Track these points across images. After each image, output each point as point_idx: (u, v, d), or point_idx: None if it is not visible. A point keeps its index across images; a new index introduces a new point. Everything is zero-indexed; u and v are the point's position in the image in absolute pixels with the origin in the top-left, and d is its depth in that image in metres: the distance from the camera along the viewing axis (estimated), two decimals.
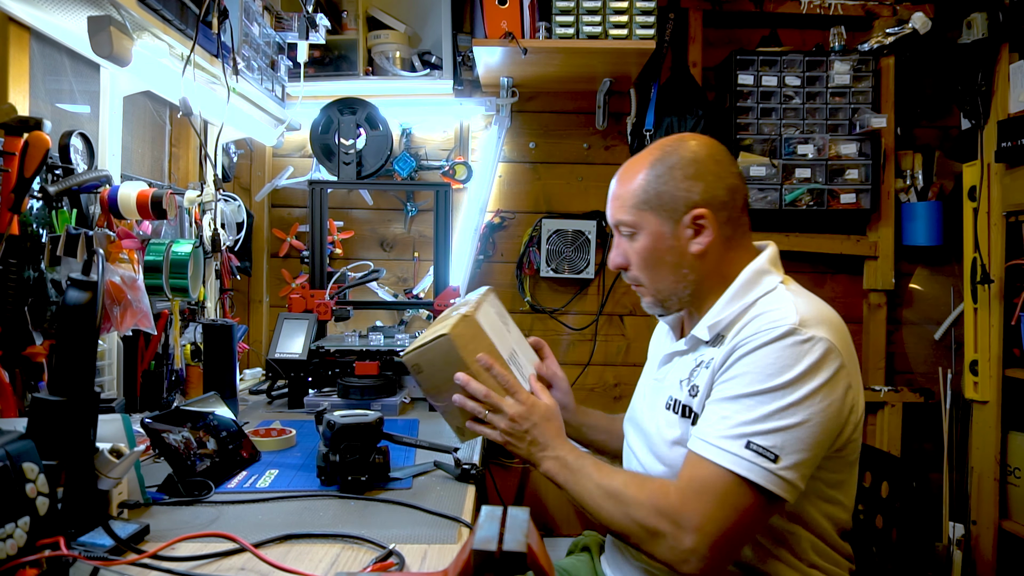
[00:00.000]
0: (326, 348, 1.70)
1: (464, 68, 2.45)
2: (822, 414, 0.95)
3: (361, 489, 1.11)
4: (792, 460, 0.94)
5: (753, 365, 0.98)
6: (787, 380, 0.95)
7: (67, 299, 0.89)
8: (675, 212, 1.09)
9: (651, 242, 1.11)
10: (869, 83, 2.41)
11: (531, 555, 0.61)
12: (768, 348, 0.97)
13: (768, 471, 0.93)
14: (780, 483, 0.93)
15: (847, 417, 0.99)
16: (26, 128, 1.13)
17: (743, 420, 0.95)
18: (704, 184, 1.08)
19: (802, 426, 0.94)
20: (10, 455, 0.72)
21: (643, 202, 1.11)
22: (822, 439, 0.95)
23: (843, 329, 1.03)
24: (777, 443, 0.93)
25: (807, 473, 0.96)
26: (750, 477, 0.93)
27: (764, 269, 1.10)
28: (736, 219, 1.11)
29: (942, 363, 2.56)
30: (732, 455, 0.94)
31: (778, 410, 0.94)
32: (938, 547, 2.43)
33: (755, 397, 0.96)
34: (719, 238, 1.09)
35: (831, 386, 0.96)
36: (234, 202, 2.09)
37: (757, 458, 0.93)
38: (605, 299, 2.60)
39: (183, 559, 0.84)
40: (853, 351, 1.04)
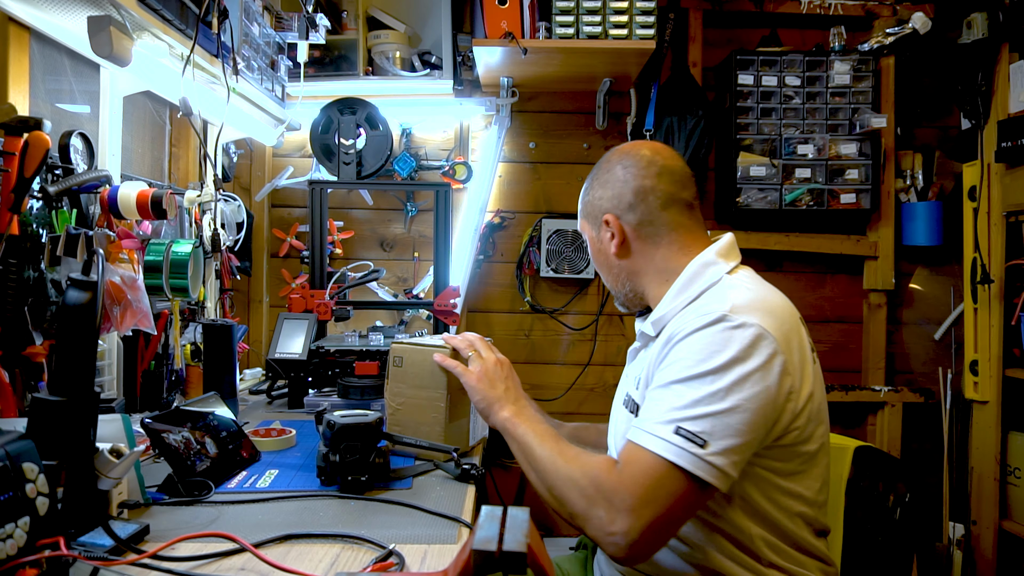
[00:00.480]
0: (326, 348, 1.70)
1: (464, 68, 2.45)
2: (754, 400, 0.94)
3: (361, 489, 1.11)
4: (721, 446, 0.93)
5: (684, 352, 1.00)
6: (716, 366, 0.96)
7: (67, 299, 0.89)
8: (596, 219, 1.21)
9: (591, 246, 1.25)
10: (869, 83, 2.41)
11: (531, 555, 0.61)
12: (698, 334, 0.99)
13: (696, 456, 0.93)
14: (709, 469, 0.93)
15: (783, 405, 0.98)
16: (26, 128, 1.13)
17: (673, 406, 0.97)
18: (611, 191, 1.18)
19: (732, 412, 0.94)
20: (10, 455, 0.72)
21: (581, 212, 1.26)
22: (755, 425, 0.94)
23: (785, 316, 1.03)
24: (706, 428, 0.94)
25: (739, 460, 0.95)
26: (678, 463, 0.93)
27: (709, 261, 1.11)
28: (653, 219, 1.15)
29: (942, 363, 2.56)
30: (662, 441, 0.95)
31: (707, 396, 0.95)
32: (938, 547, 2.43)
33: (685, 383, 0.97)
34: (637, 238, 1.17)
35: (763, 371, 0.95)
36: (234, 202, 2.09)
37: (686, 443, 0.93)
38: (605, 299, 2.60)
39: (183, 559, 0.84)
40: (797, 339, 1.02)
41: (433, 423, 1.31)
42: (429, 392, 1.31)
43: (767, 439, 0.99)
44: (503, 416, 1.17)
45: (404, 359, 1.32)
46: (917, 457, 2.54)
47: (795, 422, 1.00)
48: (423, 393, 1.31)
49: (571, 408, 2.57)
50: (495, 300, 2.62)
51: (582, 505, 0.99)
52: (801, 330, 1.06)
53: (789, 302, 1.09)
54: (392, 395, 1.33)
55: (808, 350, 1.05)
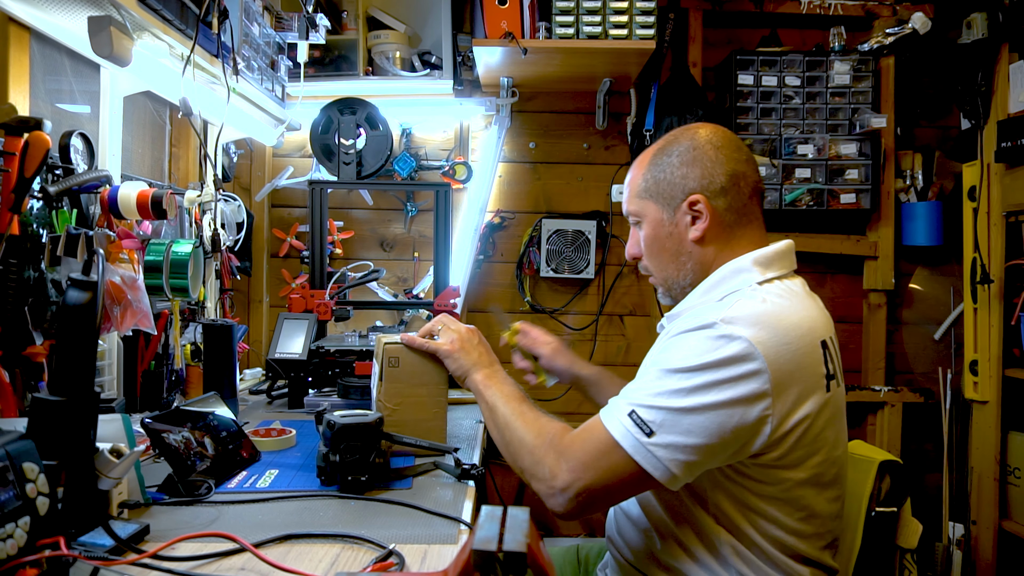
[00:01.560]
0: (326, 348, 1.70)
1: (464, 68, 2.44)
2: (715, 409, 0.93)
3: (361, 489, 1.11)
4: (666, 440, 0.94)
5: (668, 349, 1.01)
6: (688, 366, 0.95)
7: (67, 299, 0.89)
8: (672, 199, 1.11)
9: (652, 230, 1.15)
10: (869, 83, 2.41)
11: (531, 555, 0.60)
12: (686, 335, 0.99)
13: (638, 442, 0.95)
14: (648, 457, 0.94)
15: (754, 426, 0.94)
16: (26, 128, 1.13)
17: (636, 391, 0.99)
18: (701, 170, 1.09)
19: (688, 412, 0.94)
20: (10, 455, 0.72)
21: (644, 191, 1.15)
22: (710, 433, 0.93)
23: (796, 337, 0.97)
24: (656, 419, 0.95)
25: (687, 461, 0.94)
26: (620, 442, 0.96)
27: (743, 268, 1.07)
28: (741, 207, 1.10)
29: (942, 363, 2.56)
30: (615, 419, 0.98)
31: (669, 391, 0.95)
32: (938, 547, 2.43)
33: (655, 375, 0.99)
34: (719, 225, 1.10)
35: (735, 385, 0.93)
36: (234, 202, 2.09)
37: (633, 428, 0.96)
38: (605, 299, 2.60)
39: (183, 559, 0.84)
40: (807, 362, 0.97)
41: (435, 418, 1.31)
42: (429, 388, 1.31)
43: (734, 455, 0.97)
44: (477, 378, 1.21)
45: (400, 359, 1.31)
46: (917, 457, 2.54)
47: (775, 446, 0.96)
48: (422, 390, 1.31)
49: (571, 408, 2.56)
50: (495, 300, 2.62)
51: (530, 461, 1.04)
52: (818, 355, 1.00)
53: (817, 324, 1.02)
54: (388, 396, 1.31)
55: (822, 376, 1.00)
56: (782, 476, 0.99)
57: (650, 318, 2.60)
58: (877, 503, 1.27)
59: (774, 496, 1.00)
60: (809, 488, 1.01)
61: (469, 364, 1.24)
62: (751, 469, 0.99)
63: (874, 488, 1.26)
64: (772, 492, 1.00)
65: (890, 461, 1.28)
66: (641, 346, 2.61)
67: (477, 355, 1.25)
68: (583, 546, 1.51)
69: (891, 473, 1.28)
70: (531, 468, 1.04)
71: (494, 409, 1.15)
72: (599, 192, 2.58)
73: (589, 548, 1.49)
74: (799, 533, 1.02)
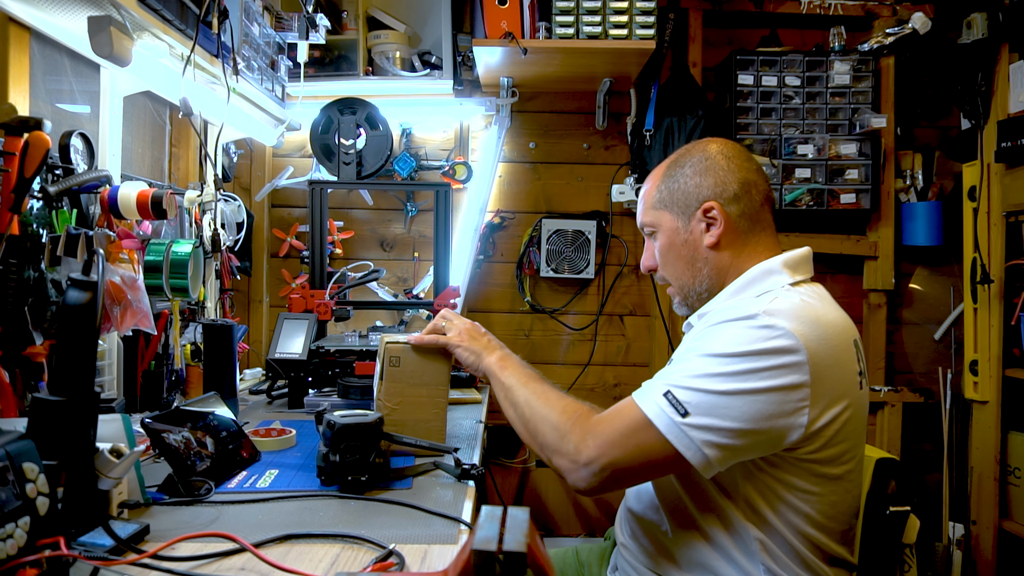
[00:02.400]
0: (326, 348, 1.70)
1: (464, 68, 2.44)
2: (754, 395, 0.94)
3: (361, 489, 1.11)
4: (701, 421, 0.94)
5: (705, 337, 1.01)
6: (727, 352, 0.96)
7: (67, 299, 0.89)
8: (687, 208, 1.15)
9: (667, 238, 1.17)
10: (869, 83, 2.41)
11: (531, 555, 0.60)
12: (727, 324, 1.00)
13: (672, 421, 0.95)
14: (681, 437, 0.95)
15: (790, 418, 0.95)
16: (26, 128, 1.13)
17: (672, 374, 1.00)
18: (714, 179, 1.13)
19: (724, 395, 0.94)
20: (10, 455, 0.72)
21: (659, 201, 1.18)
22: (746, 419, 0.94)
23: (833, 333, 0.99)
24: (692, 400, 0.95)
25: (721, 445, 0.94)
26: (654, 420, 0.96)
27: (772, 269, 1.09)
28: (753, 214, 1.13)
29: (942, 363, 2.56)
30: (649, 399, 0.99)
31: (706, 374, 0.96)
32: (938, 547, 2.43)
33: (694, 359, 0.99)
34: (733, 231, 1.12)
35: (773, 374, 0.94)
36: (234, 202, 2.09)
37: (667, 407, 0.96)
38: (605, 299, 2.60)
39: (183, 559, 0.84)
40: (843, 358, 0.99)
41: (435, 419, 1.32)
42: (429, 388, 1.31)
43: (769, 446, 0.97)
44: (491, 360, 1.22)
45: (401, 358, 1.32)
46: (917, 457, 2.54)
47: (810, 440, 0.97)
48: (423, 390, 1.31)
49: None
50: (495, 300, 2.62)
51: (554, 437, 1.05)
52: (852, 353, 1.03)
53: (849, 323, 1.05)
54: (388, 395, 1.32)
55: (856, 374, 1.02)
56: (818, 471, 1.00)
57: (650, 318, 2.60)
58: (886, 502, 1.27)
59: (806, 491, 1.01)
60: (839, 484, 1.03)
61: (480, 349, 1.25)
62: (785, 463, 1.00)
63: (874, 485, 1.27)
64: (804, 486, 1.01)
65: (887, 459, 1.28)
66: (641, 346, 2.61)
67: (486, 341, 1.27)
68: (583, 548, 1.51)
69: (892, 471, 1.28)
70: (555, 443, 1.04)
71: (511, 389, 1.15)
72: (599, 192, 2.58)
73: (590, 549, 1.49)
74: (826, 529, 1.03)
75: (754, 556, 1.02)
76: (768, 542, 1.02)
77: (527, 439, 1.12)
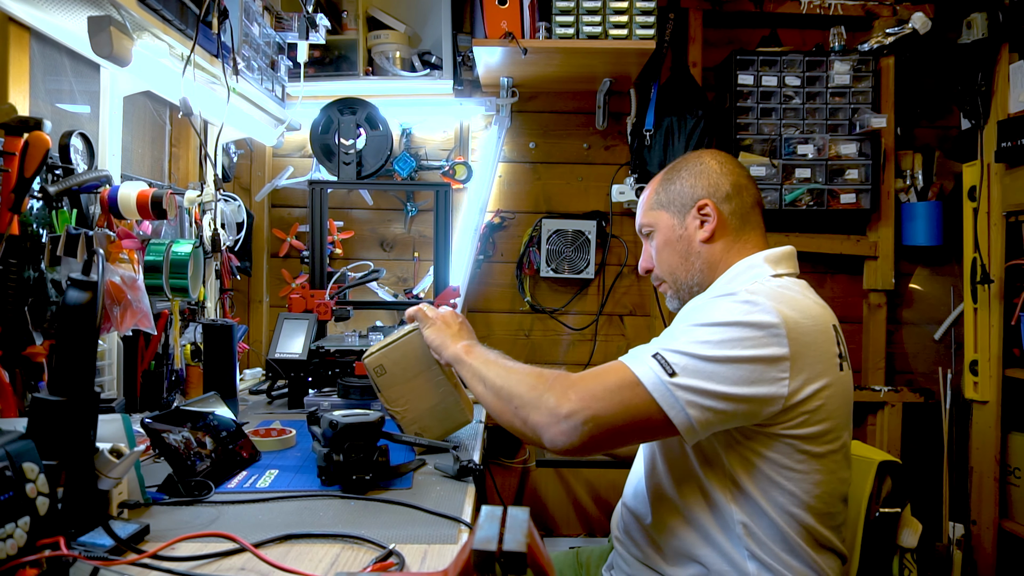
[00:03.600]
0: (326, 348, 1.70)
1: (464, 68, 2.45)
2: (738, 363, 0.97)
3: (365, 489, 1.11)
4: (687, 382, 0.96)
5: (692, 311, 1.06)
6: (718, 321, 1.00)
7: (67, 299, 0.89)
8: (683, 207, 1.22)
9: (664, 235, 1.24)
10: (869, 83, 2.41)
11: (531, 555, 0.60)
12: (713, 301, 1.05)
13: (659, 380, 0.97)
14: (667, 395, 0.97)
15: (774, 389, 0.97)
16: (26, 128, 1.13)
17: (662, 340, 1.04)
18: (708, 180, 1.21)
19: (710, 361, 0.97)
20: (10, 455, 0.72)
21: (656, 203, 1.26)
22: (730, 384, 0.96)
23: (813, 315, 1.04)
24: (679, 362, 0.98)
25: (706, 408, 0.96)
26: (642, 379, 0.98)
27: (755, 264, 1.16)
28: (744, 214, 1.20)
29: (942, 363, 2.56)
30: (637, 360, 1.01)
31: (697, 340, 0.99)
32: (938, 547, 2.43)
33: (680, 328, 1.03)
34: (725, 227, 1.19)
35: (756, 343, 0.97)
36: (234, 202, 2.09)
37: (656, 366, 0.98)
38: (605, 299, 2.60)
39: (183, 559, 0.84)
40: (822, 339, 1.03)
41: (446, 396, 1.32)
42: (425, 373, 1.32)
43: (748, 415, 0.99)
44: (454, 348, 1.23)
45: (383, 365, 1.31)
46: (917, 457, 2.54)
47: (789, 414, 1.00)
48: (420, 379, 1.32)
49: None
50: (495, 300, 2.62)
51: (532, 395, 1.04)
52: (831, 335, 1.06)
53: (827, 310, 1.10)
54: (392, 401, 1.32)
55: (835, 356, 1.06)
56: (800, 447, 1.02)
57: (650, 318, 2.60)
58: (879, 504, 1.26)
59: (789, 467, 1.03)
60: (821, 463, 1.04)
61: (448, 334, 1.26)
62: (765, 437, 1.02)
63: (874, 488, 1.26)
64: (786, 463, 1.03)
65: (889, 461, 1.28)
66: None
67: (457, 328, 1.28)
68: (583, 549, 1.51)
69: (891, 474, 1.28)
70: (532, 400, 1.03)
71: (479, 367, 1.16)
72: (599, 192, 2.58)
73: (590, 551, 1.49)
74: (812, 510, 1.04)
75: (738, 540, 1.03)
76: (752, 525, 1.03)
77: (499, 407, 1.10)
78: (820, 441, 1.03)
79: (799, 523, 1.03)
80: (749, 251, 1.19)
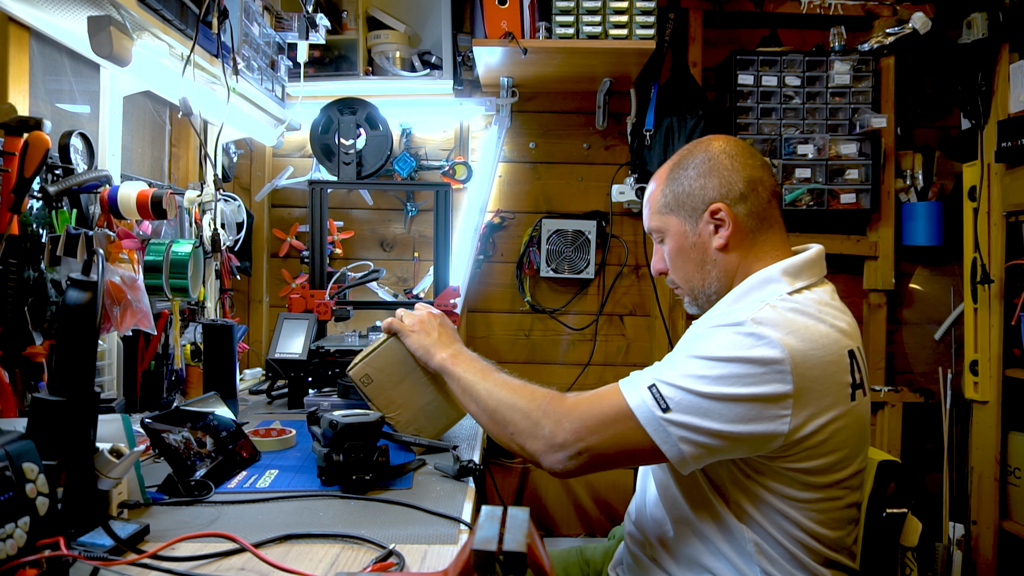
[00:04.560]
0: (326, 348, 1.70)
1: (464, 68, 2.44)
2: (735, 401, 0.94)
3: (365, 489, 1.11)
4: (681, 419, 0.95)
5: (696, 339, 1.02)
6: (716, 355, 0.97)
7: (67, 299, 0.89)
8: (694, 210, 1.13)
9: (676, 242, 1.16)
10: (869, 83, 2.41)
11: (531, 555, 0.60)
12: (716, 330, 1.01)
13: (653, 415, 0.97)
14: (659, 431, 0.96)
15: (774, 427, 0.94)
16: (26, 128, 1.13)
17: (662, 369, 1.01)
18: (719, 179, 1.11)
19: (705, 397, 0.95)
20: (10, 455, 0.72)
21: (664, 206, 1.17)
22: (725, 423, 0.94)
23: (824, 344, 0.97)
24: (674, 397, 0.96)
25: (698, 444, 0.95)
26: (635, 411, 0.98)
27: (772, 278, 1.07)
28: (760, 212, 1.11)
29: (942, 363, 2.56)
30: (634, 390, 1.00)
31: (691, 375, 0.97)
32: (938, 547, 2.43)
33: (682, 359, 1.00)
34: (741, 231, 1.11)
35: (756, 381, 0.93)
36: (234, 202, 2.09)
37: (650, 400, 0.97)
38: (605, 299, 2.60)
39: (183, 559, 0.84)
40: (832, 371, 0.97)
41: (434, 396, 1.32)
42: (410, 376, 1.31)
43: (748, 450, 0.98)
44: (440, 358, 1.22)
45: (368, 374, 1.30)
46: (917, 457, 2.54)
47: (792, 450, 0.97)
48: (406, 383, 1.31)
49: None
50: (495, 300, 2.62)
51: (526, 423, 1.04)
52: (844, 363, 1.00)
53: (845, 333, 1.02)
54: (384, 406, 1.30)
55: (847, 386, 0.99)
56: (802, 480, 1.00)
57: (650, 318, 2.60)
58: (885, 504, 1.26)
59: (794, 498, 1.01)
60: (828, 492, 1.02)
61: (429, 343, 1.25)
62: (770, 471, 1.00)
63: (875, 488, 1.26)
64: (791, 494, 1.01)
65: (890, 461, 1.28)
66: (641, 346, 2.61)
67: (437, 335, 1.26)
68: (587, 547, 1.51)
69: (892, 474, 1.27)
70: (528, 428, 1.04)
71: (470, 385, 1.15)
72: (599, 192, 2.58)
73: (594, 549, 1.49)
74: (819, 536, 1.02)
75: (749, 558, 1.02)
76: (763, 544, 1.02)
77: (494, 430, 1.11)
78: (826, 473, 1.00)
79: (806, 547, 1.02)
80: (768, 254, 1.11)
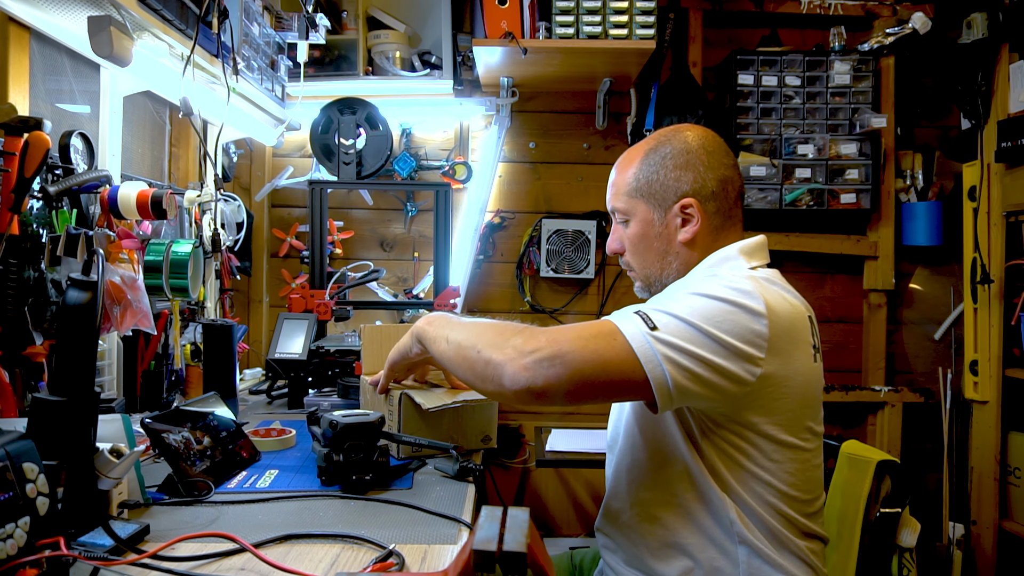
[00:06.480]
0: (326, 348, 1.70)
1: (464, 68, 2.45)
2: (717, 336, 0.94)
3: (365, 489, 1.11)
4: (670, 338, 0.94)
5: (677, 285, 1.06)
6: (701, 292, 0.99)
7: (67, 299, 0.89)
8: (664, 201, 1.14)
9: (641, 229, 1.16)
10: (869, 83, 2.41)
11: (531, 555, 0.61)
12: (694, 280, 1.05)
13: (640, 331, 0.94)
14: (645, 346, 0.93)
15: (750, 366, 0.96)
16: (26, 128, 1.13)
17: (643, 305, 1.01)
18: (694, 175, 1.12)
19: (692, 326, 0.95)
20: (10, 455, 0.72)
21: (635, 190, 1.16)
22: (708, 350, 0.94)
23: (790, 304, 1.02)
24: (662, 320, 0.96)
25: (684, 367, 0.93)
26: (621, 328, 0.95)
27: (730, 256, 1.11)
28: (727, 211, 1.14)
29: (942, 363, 2.56)
30: (620, 316, 0.99)
31: (680, 304, 0.98)
32: (938, 547, 2.43)
33: (667, 294, 1.03)
34: (707, 228, 1.13)
35: (739, 317, 0.95)
36: (234, 202, 2.09)
37: (637, 320, 0.96)
38: (605, 299, 2.60)
39: (183, 559, 0.84)
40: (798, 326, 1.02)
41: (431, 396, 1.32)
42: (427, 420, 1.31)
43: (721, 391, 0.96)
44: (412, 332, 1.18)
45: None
46: (917, 457, 2.54)
47: (760, 394, 0.98)
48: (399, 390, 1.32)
49: (570, 408, 2.57)
50: (495, 300, 2.62)
51: (499, 339, 0.99)
52: (806, 324, 1.05)
53: (803, 302, 1.08)
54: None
55: (809, 346, 1.04)
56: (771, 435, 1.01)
57: None
58: (878, 504, 1.26)
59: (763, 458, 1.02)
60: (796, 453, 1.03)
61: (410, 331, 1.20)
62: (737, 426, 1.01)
63: (872, 488, 1.26)
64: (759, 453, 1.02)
65: (888, 461, 1.28)
66: None
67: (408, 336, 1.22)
68: (576, 552, 1.50)
69: (890, 474, 1.28)
70: (498, 342, 0.98)
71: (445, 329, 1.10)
72: (599, 192, 2.58)
73: (584, 553, 1.49)
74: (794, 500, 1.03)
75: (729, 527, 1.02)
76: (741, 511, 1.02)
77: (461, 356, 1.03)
78: (792, 430, 1.02)
79: (781, 514, 1.03)
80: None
